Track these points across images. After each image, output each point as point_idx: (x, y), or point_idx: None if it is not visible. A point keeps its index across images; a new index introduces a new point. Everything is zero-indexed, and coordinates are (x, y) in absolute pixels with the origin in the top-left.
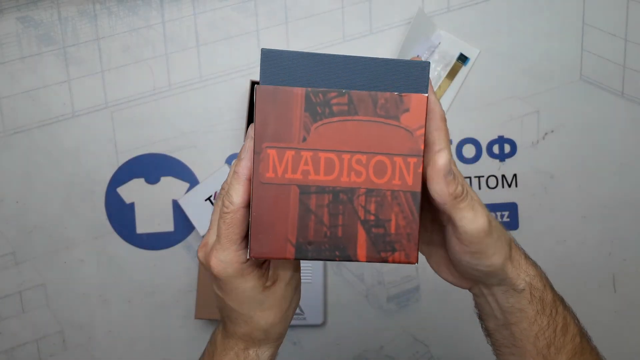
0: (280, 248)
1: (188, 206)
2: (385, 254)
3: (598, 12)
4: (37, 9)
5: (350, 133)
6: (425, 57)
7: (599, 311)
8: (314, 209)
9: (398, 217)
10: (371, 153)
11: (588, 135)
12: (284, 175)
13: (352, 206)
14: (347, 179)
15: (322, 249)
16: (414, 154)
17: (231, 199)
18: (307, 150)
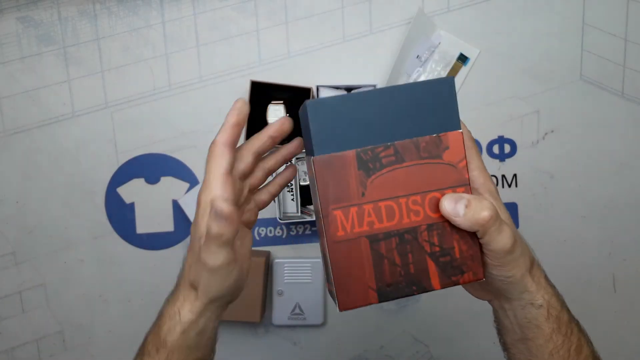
0: (364, 296)
1: (188, 206)
2: (456, 278)
3: (598, 12)
4: (37, 9)
5: (402, 179)
6: (425, 56)
7: (599, 311)
8: (385, 253)
9: (460, 243)
10: (424, 192)
11: (588, 135)
12: (353, 230)
13: (417, 243)
14: (408, 220)
15: (400, 287)
16: (461, 184)
17: (217, 136)
18: (368, 203)
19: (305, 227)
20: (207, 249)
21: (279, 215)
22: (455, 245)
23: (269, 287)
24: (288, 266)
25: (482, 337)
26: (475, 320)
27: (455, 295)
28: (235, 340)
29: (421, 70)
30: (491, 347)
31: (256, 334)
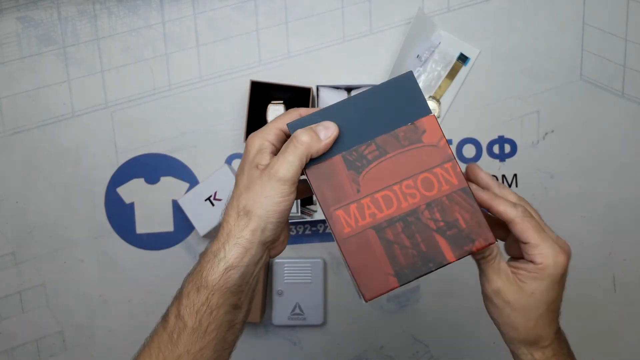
0: (385, 282)
1: (188, 206)
2: (468, 247)
3: (598, 11)
4: (37, 9)
5: (391, 168)
6: (425, 56)
7: (599, 311)
8: (393, 239)
9: (462, 213)
10: (414, 175)
11: (588, 135)
12: (357, 224)
13: (421, 222)
14: (406, 204)
15: (416, 267)
16: (447, 160)
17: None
18: (365, 197)
19: (305, 227)
20: (284, 159)
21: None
22: (458, 217)
23: (269, 287)
24: (288, 266)
25: (482, 337)
26: (475, 320)
27: (455, 295)
28: None
29: (421, 70)
30: (491, 347)
31: (256, 334)
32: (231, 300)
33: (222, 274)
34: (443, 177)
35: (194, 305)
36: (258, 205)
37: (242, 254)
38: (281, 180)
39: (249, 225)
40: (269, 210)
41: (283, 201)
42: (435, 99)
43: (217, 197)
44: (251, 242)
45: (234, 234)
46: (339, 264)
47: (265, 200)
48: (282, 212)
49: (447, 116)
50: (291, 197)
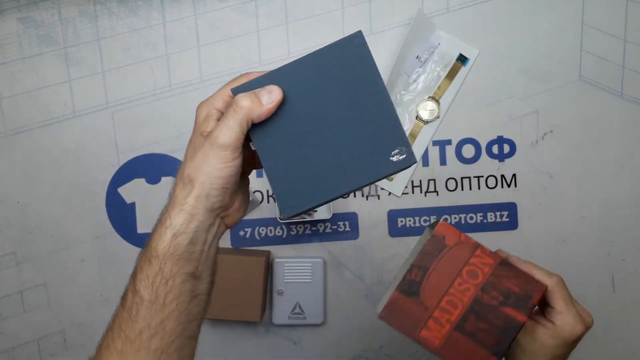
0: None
1: None
2: (531, 303)
3: (597, 12)
4: (38, 10)
5: (438, 278)
6: (425, 57)
7: (598, 311)
8: (474, 329)
9: (510, 281)
10: (459, 273)
11: (587, 136)
12: (441, 334)
13: (486, 305)
14: (467, 298)
15: (503, 339)
16: (474, 248)
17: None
18: (434, 310)
19: (305, 227)
20: (224, 124)
21: (279, 215)
22: (510, 286)
23: (269, 287)
24: (288, 266)
25: None
26: None
27: None
28: (236, 340)
29: (421, 71)
30: None
31: (256, 334)
32: (186, 268)
33: (171, 241)
34: (480, 263)
35: (149, 278)
36: (200, 172)
37: (188, 220)
38: (222, 147)
39: (192, 192)
40: (212, 176)
41: (225, 167)
42: (435, 100)
43: None
44: (196, 208)
45: (179, 201)
46: (339, 263)
47: (207, 167)
48: (226, 177)
49: (446, 116)
50: (234, 162)
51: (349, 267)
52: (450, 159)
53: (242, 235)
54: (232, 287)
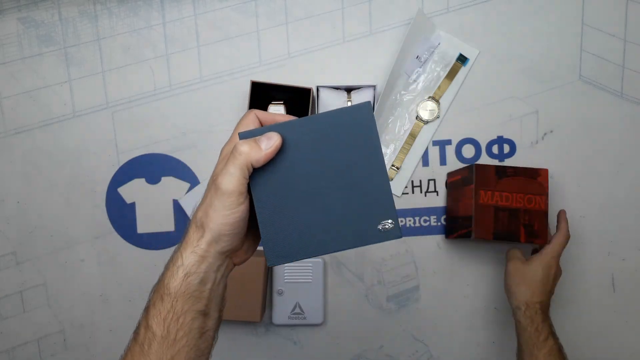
0: (487, 234)
1: (189, 206)
2: (533, 239)
3: (597, 12)
4: (38, 10)
5: (516, 184)
6: (425, 57)
7: (598, 311)
8: (500, 217)
9: (538, 223)
10: (526, 193)
11: (587, 136)
12: (488, 202)
13: (517, 217)
14: (515, 204)
15: (503, 234)
16: (544, 193)
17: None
18: (497, 190)
19: None
20: (226, 170)
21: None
22: (535, 224)
23: (269, 287)
24: (288, 266)
25: (482, 337)
26: (475, 320)
27: (454, 295)
28: (236, 340)
29: (421, 71)
30: (491, 346)
31: (256, 334)
32: (196, 306)
33: (182, 280)
34: (538, 201)
35: (161, 314)
36: (209, 219)
37: (199, 261)
38: (225, 193)
39: (204, 237)
40: (220, 223)
41: (231, 213)
42: (435, 99)
43: None
44: (207, 252)
45: (191, 243)
46: (339, 263)
47: (214, 213)
48: (233, 224)
49: (446, 116)
50: (240, 208)
51: (349, 267)
52: (450, 159)
53: None
54: (232, 287)
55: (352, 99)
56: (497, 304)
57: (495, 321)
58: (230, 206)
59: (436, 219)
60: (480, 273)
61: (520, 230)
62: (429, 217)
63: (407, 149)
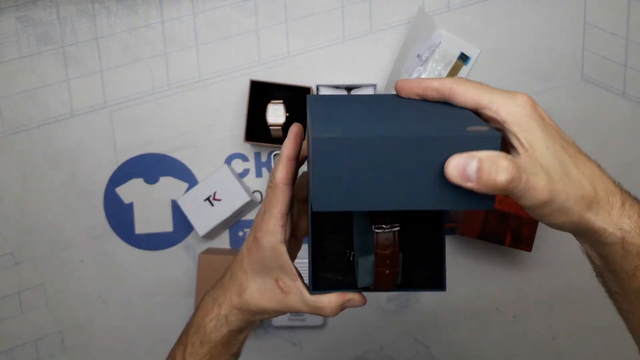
0: (473, 233)
1: (187, 206)
2: (518, 245)
3: (599, 11)
4: (36, 9)
5: None
6: (425, 56)
7: (599, 311)
8: (490, 218)
9: (527, 230)
10: None
11: (589, 135)
12: None
13: (507, 221)
14: (508, 209)
15: (489, 235)
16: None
17: (275, 175)
18: None
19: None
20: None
21: None
22: (523, 230)
23: None
24: None
25: (482, 338)
26: (475, 321)
27: (455, 295)
28: None
29: (422, 70)
30: (491, 346)
31: (256, 335)
32: (231, 350)
33: (225, 335)
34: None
35: (198, 355)
36: (254, 304)
37: (244, 322)
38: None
39: (248, 315)
40: (263, 309)
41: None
42: None
43: (217, 197)
44: (253, 317)
45: (237, 308)
46: None
47: (263, 303)
48: (274, 314)
49: None
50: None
51: None
52: None
53: (241, 236)
54: None
55: None
56: (499, 304)
57: (496, 322)
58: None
59: None
60: (482, 274)
61: (507, 235)
62: None
63: None
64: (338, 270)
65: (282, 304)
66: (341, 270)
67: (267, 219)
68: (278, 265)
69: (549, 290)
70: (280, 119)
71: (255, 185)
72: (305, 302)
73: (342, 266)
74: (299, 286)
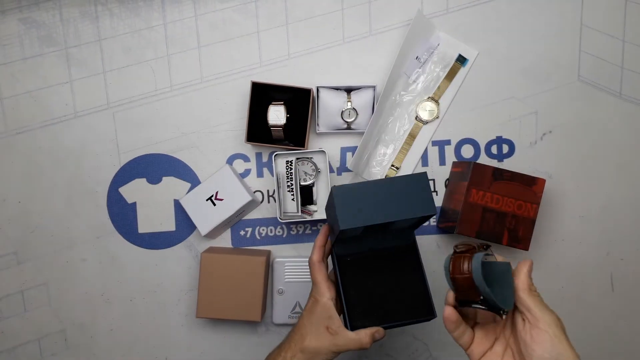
0: (471, 232)
1: (189, 206)
2: (516, 244)
3: (596, 13)
4: (39, 10)
5: (509, 188)
6: (424, 58)
7: (597, 311)
8: (487, 217)
9: (522, 229)
10: (517, 198)
11: (586, 136)
12: (478, 201)
13: (503, 220)
14: (504, 208)
15: (488, 235)
16: (535, 202)
17: (311, 258)
18: (489, 191)
19: (305, 227)
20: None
21: (279, 214)
22: (520, 229)
23: (270, 286)
24: (288, 265)
25: None
26: None
27: None
28: (236, 339)
29: (420, 72)
30: None
31: (257, 333)
32: None
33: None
34: (528, 208)
35: None
36: (315, 350)
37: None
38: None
39: (309, 354)
40: (321, 350)
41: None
42: (434, 100)
43: (218, 197)
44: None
45: (301, 350)
46: None
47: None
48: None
49: (445, 117)
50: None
51: None
52: (449, 159)
53: (242, 235)
54: (232, 286)
55: (351, 99)
56: None
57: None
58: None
59: (435, 219)
60: None
61: (504, 234)
62: None
63: (407, 149)
64: (366, 311)
65: (332, 343)
66: (367, 311)
67: (318, 286)
68: (328, 316)
69: (546, 288)
70: (281, 120)
71: (256, 185)
72: (350, 339)
73: (367, 306)
74: (343, 329)
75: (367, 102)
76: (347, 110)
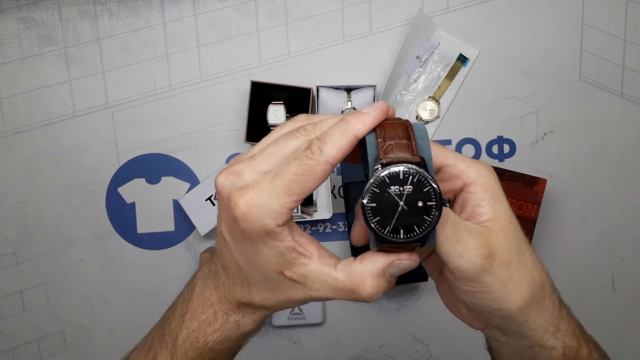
0: None
1: (189, 206)
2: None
3: (597, 12)
4: (38, 10)
5: (510, 188)
6: (425, 57)
7: (598, 311)
8: None
9: (526, 230)
10: (516, 199)
11: (587, 136)
12: None
13: None
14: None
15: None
16: (536, 203)
17: (324, 147)
18: None
19: (305, 227)
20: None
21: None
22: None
23: None
24: None
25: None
26: None
27: None
28: None
29: (421, 71)
30: None
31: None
32: (230, 357)
33: (234, 342)
34: (529, 209)
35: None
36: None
37: (258, 325)
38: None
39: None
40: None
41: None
42: (435, 99)
43: None
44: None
45: (249, 311)
46: None
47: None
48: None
49: (446, 116)
50: None
51: None
52: None
53: None
54: None
55: (352, 99)
56: None
57: None
58: None
59: None
60: None
61: None
62: None
63: None
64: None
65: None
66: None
67: (277, 193)
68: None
69: None
70: (280, 120)
71: None
72: (331, 285)
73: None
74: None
75: (368, 102)
76: (347, 110)
